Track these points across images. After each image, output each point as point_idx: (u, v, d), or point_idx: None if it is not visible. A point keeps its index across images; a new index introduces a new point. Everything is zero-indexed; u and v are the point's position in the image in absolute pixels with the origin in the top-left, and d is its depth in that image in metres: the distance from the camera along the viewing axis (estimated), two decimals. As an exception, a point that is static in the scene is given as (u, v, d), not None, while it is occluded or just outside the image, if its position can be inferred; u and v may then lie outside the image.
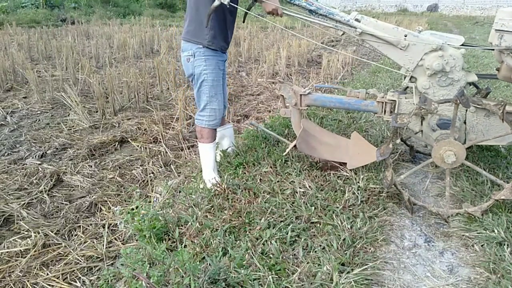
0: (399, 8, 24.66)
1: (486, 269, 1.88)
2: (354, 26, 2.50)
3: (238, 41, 9.15)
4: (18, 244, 2.24)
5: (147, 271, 1.70)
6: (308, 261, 1.88)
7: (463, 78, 2.44)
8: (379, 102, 2.63)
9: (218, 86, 2.56)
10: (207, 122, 2.59)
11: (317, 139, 2.82)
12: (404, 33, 2.46)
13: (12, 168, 3.15)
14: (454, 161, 2.20)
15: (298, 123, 2.83)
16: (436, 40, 2.43)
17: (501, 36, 2.27)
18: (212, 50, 2.48)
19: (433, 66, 2.38)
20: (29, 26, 11.39)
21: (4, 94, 5.11)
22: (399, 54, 2.49)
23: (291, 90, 2.76)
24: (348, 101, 2.71)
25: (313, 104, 2.80)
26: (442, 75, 2.44)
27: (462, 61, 2.41)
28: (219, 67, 2.54)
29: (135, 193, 2.76)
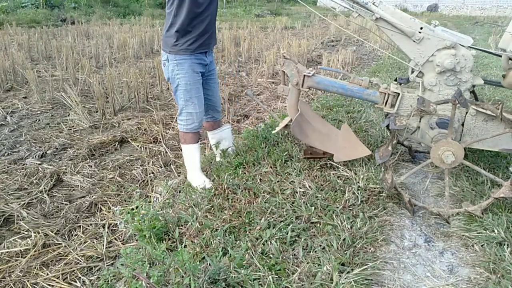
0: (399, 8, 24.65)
1: (486, 269, 1.88)
2: (372, 10, 2.42)
3: (238, 41, 9.15)
4: (18, 244, 2.24)
5: (147, 271, 1.70)
6: (308, 261, 1.88)
7: (470, 80, 2.41)
8: (382, 93, 2.56)
9: (193, 90, 2.51)
10: (185, 126, 2.59)
11: (311, 125, 2.77)
12: (421, 25, 2.40)
13: (12, 168, 3.15)
14: (453, 161, 2.20)
15: (294, 104, 2.71)
16: (450, 37, 2.38)
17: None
18: (184, 54, 2.44)
19: (444, 63, 2.35)
20: (29, 26, 11.39)
21: (4, 94, 5.11)
22: (412, 46, 2.43)
23: (295, 68, 2.62)
24: (351, 88, 2.62)
25: (315, 86, 2.68)
26: (451, 74, 2.41)
27: (472, 63, 2.37)
28: (193, 70, 2.48)
29: (135, 193, 2.76)
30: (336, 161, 2.66)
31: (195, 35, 2.44)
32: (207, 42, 2.53)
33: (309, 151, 2.76)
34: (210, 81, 2.73)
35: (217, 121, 2.92)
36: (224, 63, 7.08)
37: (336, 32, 11.48)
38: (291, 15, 18.12)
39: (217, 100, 2.83)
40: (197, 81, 2.53)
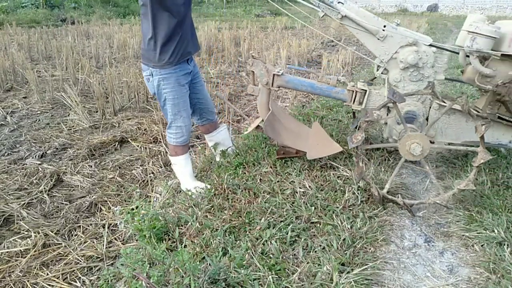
0: (399, 8, 24.66)
1: (486, 269, 1.88)
2: (337, 8, 2.50)
3: (238, 41, 9.15)
4: (18, 244, 2.24)
5: (147, 271, 1.70)
6: (308, 261, 1.88)
7: (432, 76, 2.51)
8: (350, 91, 2.63)
9: (181, 103, 2.48)
10: (175, 140, 2.57)
11: (282, 124, 2.79)
12: (384, 23, 2.50)
13: (12, 168, 3.15)
14: (421, 150, 2.24)
15: (265, 103, 2.73)
16: (411, 35, 2.48)
17: (474, 38, 2.33)
18: (169, 68, 2.38)
19: (407, 59, 2.44)
20: (29, 26, 11.39)
21: (4, 94, 5.11)
22: (376, 44, 2.53)
23: (264, 68, 2.65)
24: (319, 86, 2.67)
25: (285, 85, 2.72)
26: (414, 70, 2.50)
27: (433, 59, 2.48)
28: (179, 83, 2.44)
29: (135, 193, 2.76)
30: (309, 158, 2.69)
31: (177, 45, 2.37)
32: (188, 49, 2.49)
33: (281, 151, 2.77)
34: (197, 85, 2.69)
35: (213, 123, 2.89)
36: (224, 63, 7.08)
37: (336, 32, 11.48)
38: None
39: (208, 101, 2.80)
40: (184, 94, 2.50)
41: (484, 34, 2.28)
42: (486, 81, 2.43)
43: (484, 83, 2.44)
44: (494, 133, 2.61)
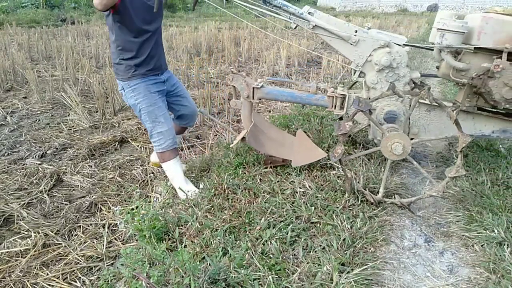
0: (399, 8, 24.67)
1: (486, 269, 1.88)
2: (308, 19, 2.55)
3: (238, 41, 9.15)
4: (18, 244, 2.24)
5: (147, 271, 1.70)
6: (308, 261, 1.88)
7: (408, 75, 2.57)
8: (330, 97, 2.68)
9: (156, 109, 2.50)
10: (160, 147, 2.58)
11: (266, 134, 2.84)
12: (355, 29, 2.55)
13: (12, 168, 3.15)
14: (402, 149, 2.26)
15: (248, 116, 2.79)
16: (383, 36, 2.53)
17: (443, 35, 2.38)
18: (137, 78, 2.45)
19: (381, 61, 2.50)
20: (29, 26, 11.39)
21: (4, 94, 5.11)
22: (350, 49, 2.58)
23: (244, 82, 2.72)
24: (299, 95, 2.73)
25: (265, 97, 2.79)
26: (389, 70, 2.56)
27: (407, 58, 2.53)
28: (149, 90, 2.48)
29: (135, 193, 2.76)
30: (294, 165, 2.71)
31: (143, 60, 2.44)
32: (157, 65, 2.54)
33: (269, 160, 2.82)
34: (180, 93, 2.77)
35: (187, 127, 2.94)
36: (224, 63, 7.08)
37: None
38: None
39: (194, 108, 2.86)
40: (158, 100, 2.52)
41: (451, 30, 2.34)
42: (461, 75, 2.48)
43: (459, 77, 2.48)
44: (476, 125, 2.65)
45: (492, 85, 2.36)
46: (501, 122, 2.61)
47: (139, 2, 2.34)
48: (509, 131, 2.63)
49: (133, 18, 2.32)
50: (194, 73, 5.89)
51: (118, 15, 2.28)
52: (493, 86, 2.36)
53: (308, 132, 3.39)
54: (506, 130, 2.63)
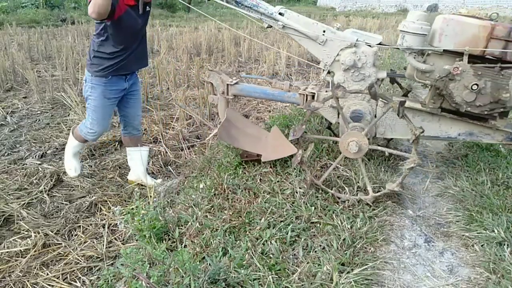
0: (399, 8, 24.66)
1: (486, 269, 1.88)
2: (277, 19, 2.61)
3: (238, 41, 9.15)
4: (18, 244, 2.24)
5: (147, 271, 1.70)
6: (308, 261, 1.88)
7: (374, 75, 2.59)
8: (301, 94, 2.73)
9: (100, 113, 2.62)
10: (84, 133, 2.74)
11: (240, 129, 2.88)
12: (323, 28, 2.59)
13: (12, 168, 3.15)
14: (357, 149, 2.30)
15: (224, 111, 2.87)
16: (350, 37, 2.57)
17: (403, 36, 2.42)
18: (100, 79, 2.53)
19: (346, 61, 2.54)
20: (29, 26, 11.38)
21: (4, 94, 5.11)
22: (318, 48, 2.62)
23: (219, 78, 2.83)
24: (272, 92, 2.81)
25: (239, 94, 2.88)
26: (355, 70, 2.58)
27: (373, 58, 2.54)
28: (105, 95, 2.57)
29: (135, 193, 2.76)
30: (263, 160, 2.75)
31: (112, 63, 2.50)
32: (125, 69, 2.59)
33: (245, 154, 2.88)
34: (130, 100, 2.80)
35: (135, 138, 2.92)
36: (224, 63, 7.08)
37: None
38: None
39: (135, 118, 2.87)
40: (107, 106, 2.63)
41: (410, 31, 2.37)
42: (425, 77, 2.48)
43: (424, 78, 2.49)
44: (442, 126, 2.65)
45: (453, 88, 2.36)
46: (467, 124, 2.59)
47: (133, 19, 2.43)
48: (475, 134, 2.61)
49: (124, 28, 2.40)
50: (194, 73, 5.89)
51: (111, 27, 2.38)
52: (454, 89, 2.36)
53: (308, 132, 3.39)
54: (472, 133, 2.61)
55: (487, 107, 2.36)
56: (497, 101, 2.32)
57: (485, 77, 2.29)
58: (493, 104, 2.35)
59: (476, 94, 2.32)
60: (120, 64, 2.52)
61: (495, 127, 2.53)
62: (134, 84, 2.77)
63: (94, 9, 2.12)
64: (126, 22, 2.38)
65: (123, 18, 2.34)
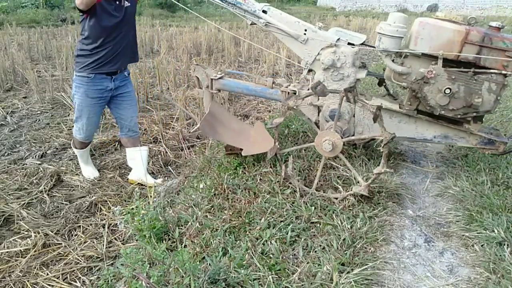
0: (399, 8, 24.67)
1: (486, 269, 1.88)
2: (260, 16, 2.65)
3: (238, 41, 9.15)
4: (18, 244, 2.24)
5: (147, 271, 1.70)
6: (308, 261, 1.88)
7: (353, 75, 2.61)
8: (283, 92, 2.75)
9: (84, 111, 2.69)
10: (75, 133, 2.86)
11: (223, 123, 2.91)
12: (305, 27, 2.62)
13: (12, 168, 3.15)
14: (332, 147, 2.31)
15: (208, 104, 2.92)
16: (330, 36, 2.59)
17: (380, 38, 2.44)
18: (83, 78, 2.58)
19: (325, 61, 2.56)
20: (29, 26, 11.37)
21: (4, 94, 5.11)
22: (300, 47, 2.66)
23: (204, 73, 2.88)
24: (254, 88, 2.85)
25: (222, 88, 2.92)
26: (334, 70, 2.61)
27: (352, 58, 2.56)
28: (87, 95, 2.62)
29: (135, 193, 2.76)
30: (244, 154, 2.78)
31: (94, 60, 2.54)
32: (109, 68, 2.61)
33: (228, 147, 2.92)
34: (123, 102, 2.83)
35: (132, 139, 2.95)
36: (224, 63, 7.08)
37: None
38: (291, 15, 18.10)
39: (130, 120, 2.89)
40: (91, 105, 2.68)
41: (386, 34, 2.39)
42: (402, 79, 2.50)
43: (401, 80, 2.50)
44: (418, 128, 2.67)
45: (427, 91, 2.38)
46: (442, 127, 2.60)
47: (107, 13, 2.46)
48: (450, 137, 2.62)
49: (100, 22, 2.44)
50: (194, 73, 5.88)
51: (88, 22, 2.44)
52: (428, 92, 2.39)
53: (308, 133, 3.39)
54: (447, 136, 2.63)
55: (460, 111, 2.40)
56: (470, 105, 2.35)
57: (459, 81, 2.31)
58: (466, 108, 2.38)
59: (450, 98, 2.35)
60: (102, 61, 2.55)
61: (469, 131, 2.54)
62: (124, 86, 2.80)
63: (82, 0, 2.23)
64: (100, 16, 2.42)
65: (97, 9, 2.39)
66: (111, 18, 2.48)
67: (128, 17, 2.62)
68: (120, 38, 2.59)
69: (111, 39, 2.54)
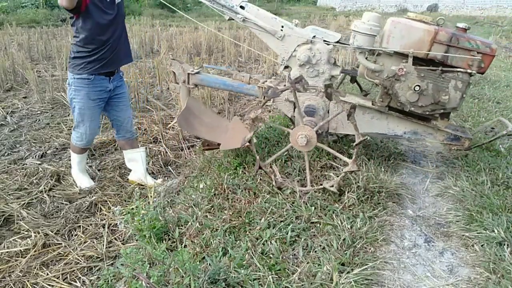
0: (399, 8, 24.67)
1: (486, 269, 1.88)
2: (238, 12, 2.67)
3: (238, 41, 9.15)
4: (18, 244, 2.24)
5: (147, 271, 1.70)
6: (308, 261, 1.88)
7: (327, 72, 2.66)
8: (260, 87, 2.78)
9: (87, 115, 2.64)
10: (75, 141, 2.77)
11: (199, 118, 2.91)
12: (281, 24, 2.65)
13: (12, 168, 3.15)
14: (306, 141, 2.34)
15: (185, 99, 2.92)
16: (306, 33, 2.63)
17: (354, 36, 2.51)
18: (83, 80, 2.53)
19: (301, 57, 2.61)
20: (29, 26, 11.37)
21: (4, 94, 5.11)
22: (277, 43, 2.70)
23: (181, 67, 2.88)
24: (231, 83, 2.87)
25: (199, 83, 2.93)
26: (309, 66, 2.66)
27: (327, 55, 2.62)
28: (89, 97, 2.58)
29: (135, 193, 2.76)
30: (222, 149, 2.81)
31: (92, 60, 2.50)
32: (107, 68, 2.59)
33: (206, 143, 2.94)
34: (119, 103, 2.81)
35: (130, 140, 2.94)
36: (224, 63, 7.08)
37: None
38: (291, 15, 18.12)
39: (126, 121, 2.88)
40: (92, 107, 2.64)
41: (360, 32, 2.45)
42: (375, 76, 2.55)
43: (373, 77, 2.56)
44: (390, 124, 2.73)
45: (398, 88, 2.46)
46: (412, 124, 2.67)
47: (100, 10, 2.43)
48: (419, 133, 2.70)
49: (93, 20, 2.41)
50: (194, 73, 5.88)
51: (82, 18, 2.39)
52: (399, 89, 2.46)
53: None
54: (416, 132, 2.70)
55: (429, 107, 2.48)
56: (438, 102, 2.44)
57: (428, 79, 2.40)
58: (434, 105, 2.47)
59: (419, 95, 2.43)
60: (102, 62, 2.53)
61: (436, 127, 2.63)
62: (119, 86, 2.78)
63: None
64: (93, 14, 2.38)
65: (89, 8, 2.36)
66: (104, 15, 2.45)
67: (121, 13, 2.61)
68: (117, 36, 2.57)
69: (108, 38, 2.50)
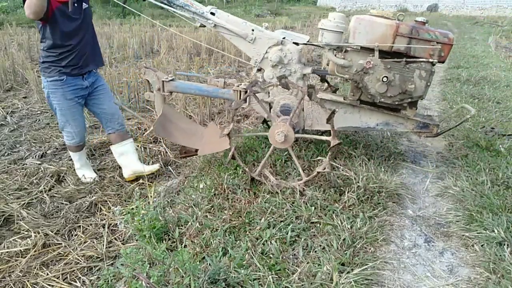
0: (399, 8, 24.67)
1: (486, 269, 1.88)
2: (208, 18, 2.72)
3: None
4: (18, 244, 2.24)
5: (147, 271, 1.71)
6: (308, 261, 1.88)
7: (299, 71, 2.76)
8: (235, 91, 2.83)
9: (68, 114, 2.69)
10: (67, 141, 2.84)
11: (176, 125, 2.93)
12: (252, 27, 2.72)
13: (12, 168, 3.15)
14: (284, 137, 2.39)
15: (160, 107, 2.94)
16: (277, 35, 2.72)
17: (322, 34, 2.61)
18: (56, 82, 2.56)
19: (273, 58, 2.69)
20: (29, 26, 11.37)
21: (4, 94, 5.11)
22: (248, 46, 2.76)
23: (155, 75, 2.90)
24: (207, 89, 2.91)
25: (174, 90, 2.95)
26: (281, 66, 2.75)
27: (298, 55, 2.73)
28: (65, 97, 2.62)
29: (135, 193, 2.76)
30: (200, 154, 2.86)
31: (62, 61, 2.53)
32: (79, 68, 2.62)
33: (183, 150, 2.95)
34: (100, 96, 2.84)
35: (120, 133, 2.95)
36: (224, 63, 7.08)
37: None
38: (291, 15, 18.11)
39: (112, 111, 2.89)
40: (72, 106, 2.68)
41: (328, 29, 2.56)
42: (344, 71, 2.65)
43: (343, 73, 2.65)
44: (362, 117, 2.81)
45: (367, 81, 2.56)
46: (383, 115, 2.76)
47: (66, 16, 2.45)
48: (391, 124, 2.78)
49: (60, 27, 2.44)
50: (194, 73, 5.88)
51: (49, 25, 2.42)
52: (368, 82, 2.57)
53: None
54: (388, 122, 2.78)
55: (397, 97, 2.58)
56: (405, 92, 2.54)
57: (394, 70, 2.51)
58: (402, 95, 2.57)
59: (387, 86, 2.53)
60: (70, 67, 2.56)
61: (406, 117, 2.72)
62: (97, 80, 2.81)
63: (30, 10, 2.20)
64: (59, 19, 2.40)
65: (55, 15, 2.38)
66: (70, 22, 2.47)
67: (88, 19, 2.64)
68: (84, 41, 2.60)
69: (76, 44, 2.54)
